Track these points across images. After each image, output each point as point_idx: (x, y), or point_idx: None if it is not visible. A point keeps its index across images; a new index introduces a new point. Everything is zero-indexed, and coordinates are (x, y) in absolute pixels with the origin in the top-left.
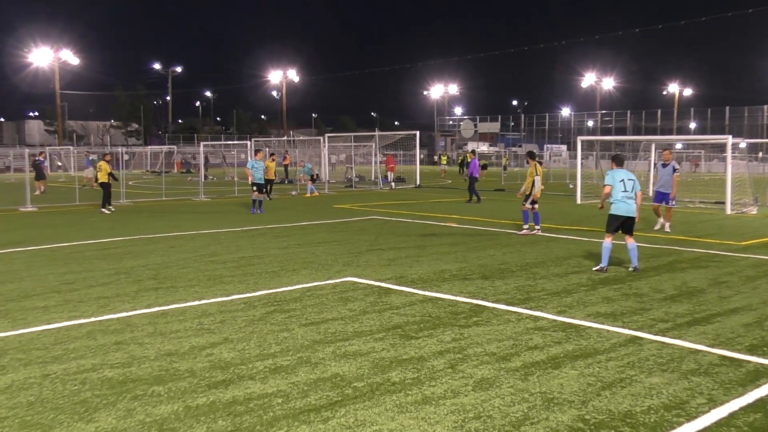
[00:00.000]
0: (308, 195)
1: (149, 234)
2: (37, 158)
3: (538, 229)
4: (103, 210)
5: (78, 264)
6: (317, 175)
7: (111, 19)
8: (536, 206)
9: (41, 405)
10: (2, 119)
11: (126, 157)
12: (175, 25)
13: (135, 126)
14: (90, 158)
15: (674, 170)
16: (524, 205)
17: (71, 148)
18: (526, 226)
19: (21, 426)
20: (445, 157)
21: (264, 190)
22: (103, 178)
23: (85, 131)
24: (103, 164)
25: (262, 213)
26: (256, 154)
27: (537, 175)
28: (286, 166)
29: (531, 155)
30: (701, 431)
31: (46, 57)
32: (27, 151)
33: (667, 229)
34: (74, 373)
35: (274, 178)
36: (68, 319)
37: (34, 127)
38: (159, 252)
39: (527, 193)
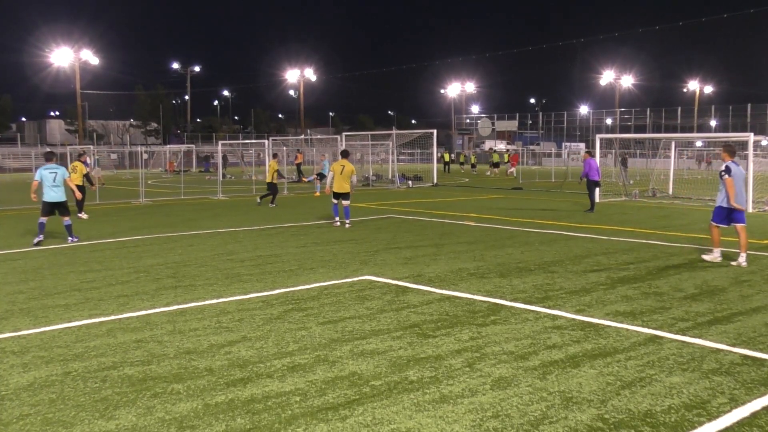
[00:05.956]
0: (317, 194)
1: (168, 233)
2: None
3: (341, 223)
4: (80, 215)
5: (98, 262)
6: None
7: (130, 19)
8: (345, 202)
9: (63, 402)
10: (24, 119)
11: (145, 156)
12: (194, 25)
13: (154, 125)
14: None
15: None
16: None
17: (91, 147)
18: (337, 218)
19: (43, 423)
20: (496, 155)
21: (57, 211)
22: (77, 180)
23: (105, 131)
24: (78, 165)
25: (75, 241)
26: (48, 159)
27: (351, 171)
28: (298, 165)
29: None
30: (723, 431)
31: (67, 57)
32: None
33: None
34: (95, 370)
35: (272, 180)
36: (89, 317)
37: (55, 126)
38: (178, 250)
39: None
